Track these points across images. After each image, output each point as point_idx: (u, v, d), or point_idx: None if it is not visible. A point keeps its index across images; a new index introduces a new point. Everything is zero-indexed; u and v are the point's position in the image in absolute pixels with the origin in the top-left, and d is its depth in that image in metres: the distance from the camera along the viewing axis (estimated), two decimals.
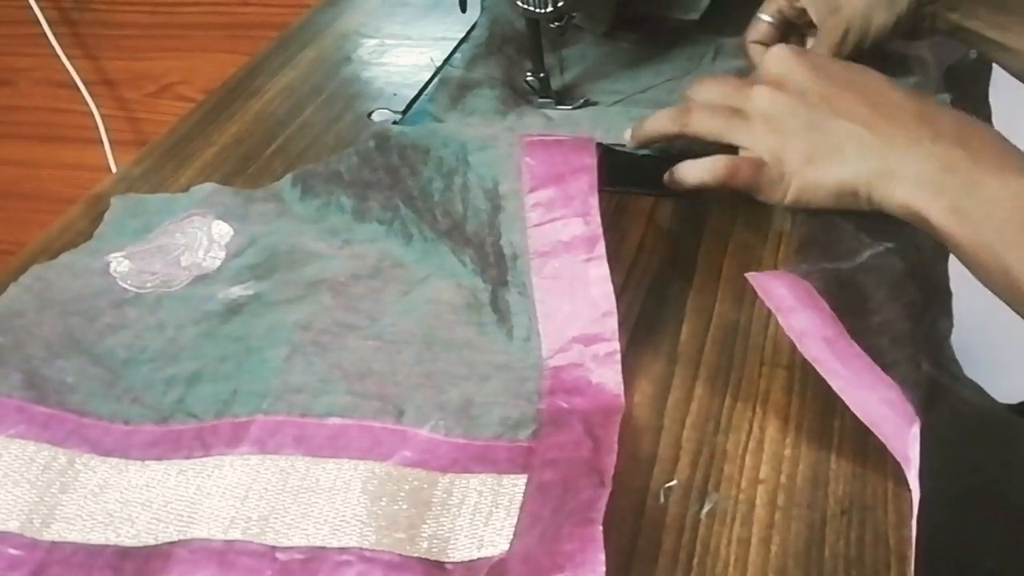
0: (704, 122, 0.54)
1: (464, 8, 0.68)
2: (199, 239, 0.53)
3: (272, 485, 0.39)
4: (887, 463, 0.38)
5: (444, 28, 0.79)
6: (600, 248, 0.46)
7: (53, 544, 0.38)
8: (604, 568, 0.33)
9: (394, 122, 0.66)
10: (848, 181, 0.50)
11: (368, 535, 0.37)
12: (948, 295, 0.54)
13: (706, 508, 0.38)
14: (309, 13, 0.86)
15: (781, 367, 0.44)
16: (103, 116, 1.30)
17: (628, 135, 0.58)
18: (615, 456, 0.39)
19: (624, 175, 0.55)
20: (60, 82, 1.28)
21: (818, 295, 0.44)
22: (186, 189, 0.59)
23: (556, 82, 0.66)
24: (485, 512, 0.38)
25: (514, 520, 0.38)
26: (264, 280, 0.50)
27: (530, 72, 0.65)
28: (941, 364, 0.44)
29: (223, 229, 0.54)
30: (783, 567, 0.36)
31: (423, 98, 0.68)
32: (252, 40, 1.15)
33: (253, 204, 0.56)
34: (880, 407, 0.38)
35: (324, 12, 0.85)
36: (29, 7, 1.21)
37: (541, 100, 0.65)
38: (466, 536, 0.37)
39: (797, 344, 0.41)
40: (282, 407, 0.42)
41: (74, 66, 1.26)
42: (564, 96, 0.66)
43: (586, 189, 0.47)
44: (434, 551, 0.37)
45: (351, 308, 0.48)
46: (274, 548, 0.37)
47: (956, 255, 0.46)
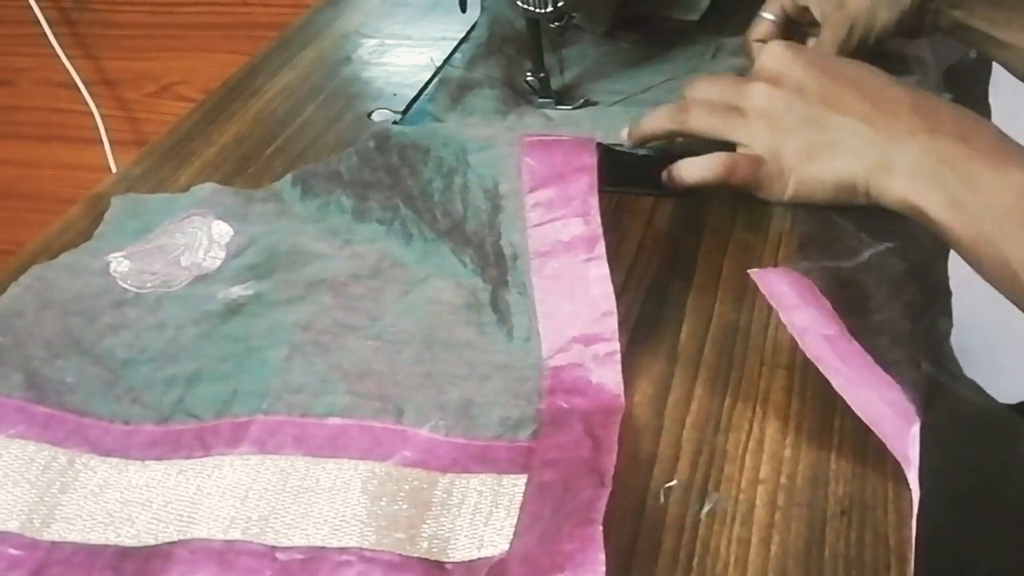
0: (702, 120, 0.54)
1: (464, 8, 0.68)
2: (199, 239, 0.53)
3: (272, 485, 0.39)
4: (887, 463, 0.38)
5: (444, 28, 0.79)
6: (600, 248, 0.46)
7: (53, 544, 0.38)
8: (604, 568, 0.33)
9: (394, 122, 0.66)
10: (846, 176, 0.49)
11: (368, 535, 0.37)
12: (948, 295, 0.54)
13: (706, 508, 0.38)
14: (309, 13, 0.86)
15: (781, 367, 0.44)
16: (103, 116, 1.30)
17: (625, 133, 0.58)
18: (615, 456, 0.39)
19: (624, 175, 0.55)
20: (60, 82, 1.28)
21: (820, 293, 0.44)
22: (186, 189, 0.59)
23: (556, 82, 0.66)
24: (485, 512, 0.38)
25: (514, 520, 0.38)
26: (264, 280, 0.50)
27: (530, 72, 0.65)
28: (941, 364, 0.44)
29: (223, 229, 0.54)
30: (783, 567, 0.36)
31: (423, 98, 0.68)
32: (252, 40, 1.15)
33: (253, 204, 0.56)
34: (880, 406, 0.38)
35: (324, 12, 0.85)
36: (29, 7, 1.21)
37: (541, 100, 0.65)
38: (466, 536, 0.37)
39: (799, 341, 0.41)
40: (282, 407, 0.42)
41: (74, 66, 1.26)
42: (564, 96, 0.66)
43: (586, 189, 0.47)
44: (434, 551, 0.37)
45: (351, 308, 0.48)
46: (274, 548, 0.37)
47: (954, 249, 0.46)
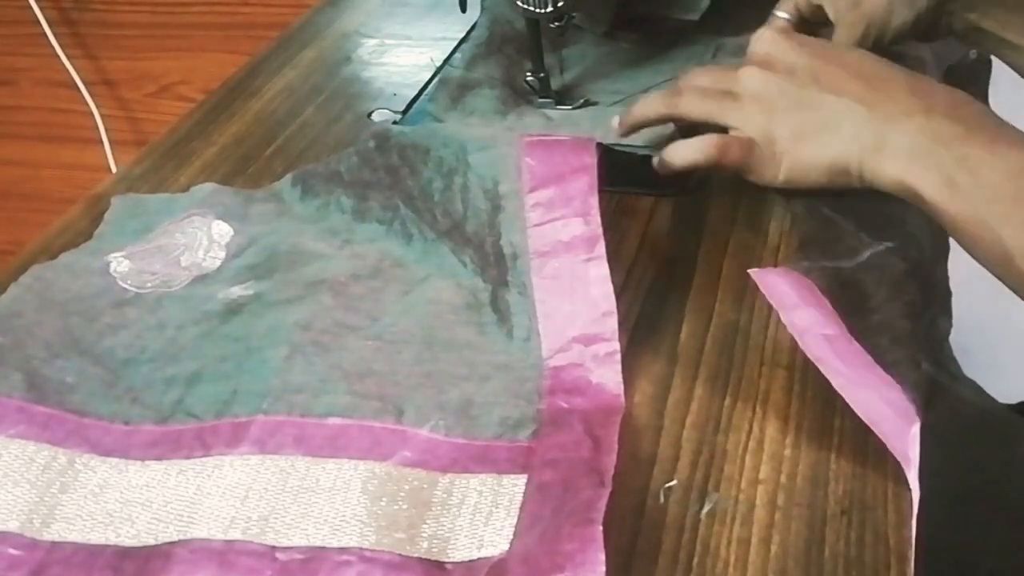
0: (694, 104, 0.53)
1: (464, 8, 0.68)
2: (199, 239, 0.53)
3: (272, 485, 0.39)
4: (887, 463, 0.38)
5: (444, 28, 0.79)
6: (600, 248, 0.46)
7: (53, 544, 0.38)
8: (604, 568, 0.33)
9: (394, 122, 0.66)
10: (840, 157, 0.49)
11: (368, 535, 0.37)
12: (948, 294, 0.54)
13: (706, 508, 0.38)
14: (309, 13, 0.86)
15: (781, 367, 0.44)
16: (103, 116, 1.30)
17: (616, 121, 0.58)
18: (615, 456, 0.39)
19: (624, 175, 0.55)
20: (60, 82, 1.28)
21: (820, 293, 0.44)
22: (186, 189, 0.59)
23: (556, 82, 0.66)
24: (485, 512, 0.38)
25: (514, 520, 0.38)
26: (264, 280, 0.50)
27: (530, 72, 0.65)
28: (940, 363, 0.43)
29: (223, 229, 0.54)
30: (783, 567, 0.36)
31: (423, 98, 0.68)
32: (252, 40, 1.15)
33: (253, 204, 0.56)
34: (880, 406, 0.38)
35: (324, 12, 0.85)
36: (29, 7, 1.21)
37: (541, 100, 0.65)
38: (466, 536, 0.37)
39: (799, 341, 0.41)
40: (282, 407, 0.42)
41: (74, 66, 1.26)
42: (564, 96, 0.66)
43: (586, 189, 0.47)
44: (434, 551, 0.37)
45: (351, 308, 0.48)
46: (274, 548, 0.37)
47: (948, 230, 0.45)
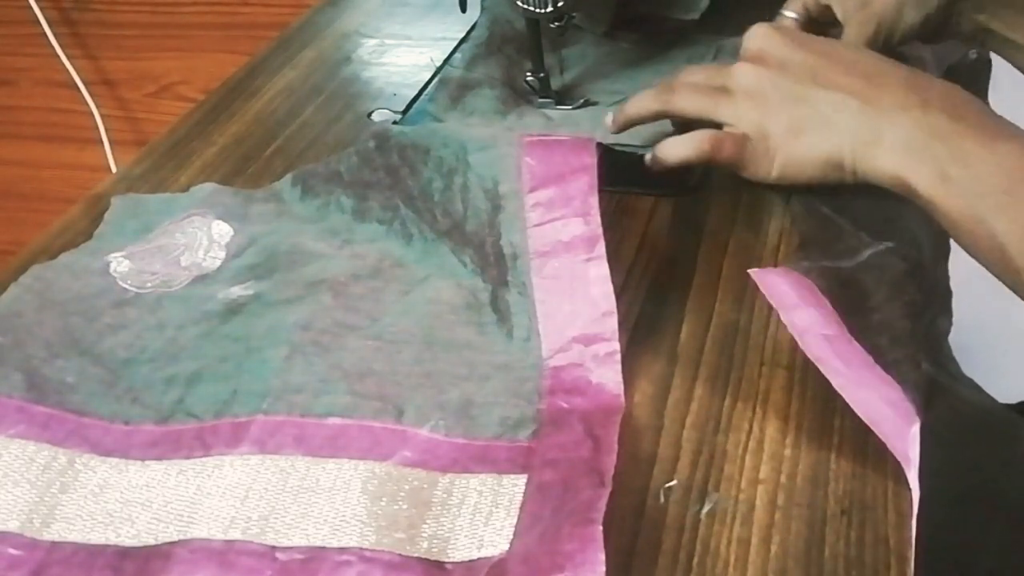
0: (688, 100, 0.53)
1: (464, 8, 0.68)
2: (199, 239, 0.53)
3: (272, 485, 0.39)
4: (887, 463, 0.38)
5: (444, 28, 0.79)
6: (600, 248, 0.46)
7: (53, 544, 0.38)
8: (604, 568, 0.33)
9: (394, 122, 0.66)
10: (834, 151, 0.49)
11: (368, 535, 0.37)
12: (948, 294, 0.54)
13: (706, 508, 0.38)
14: (309, 13, 0.86)
15: (781, 367, 0.44)
16: (103, 116, 1.30)
17: (609, 119, 0.57)
18: (615, 456, 0.39)
19: (624, 175, 0.55)
20: (60, 82, 1.28)
21: (820, 293, 0.44)
22: (186, 189, 0.59)
23: (556, 82, 0.66)
24: (485, 512, 0.38)
25: (514, 520, 0.38)
26: (264, 280, 0.50)
27: (530, 72, 0.65)
28: (940, 363, 0.44)
29: (223, 229, 0.54)
30: (783, 567, 0.36)
31: (423, 98, 0.68)
32: (252, 40, 1.15)
33: (253, 204, 0.56)
34: (881, 406, 0.38)
35: (324, 12, 0.85)
36: (29, 7, 1.21)
37: (541, 100, 0.65)
38: (466, 536, 0.37)
39: (799, 341, 0.41)
40: (282, 407, 0.42)
41: (74, 66, 1.26)
42: (564, 96, 0.66)
43: (586, 189, 0.47)
44: (434, 551, 0.37)
45: (351, 308, 0.48)
46: (274, 548, 0.37)
47: (943, 224, 0.45)
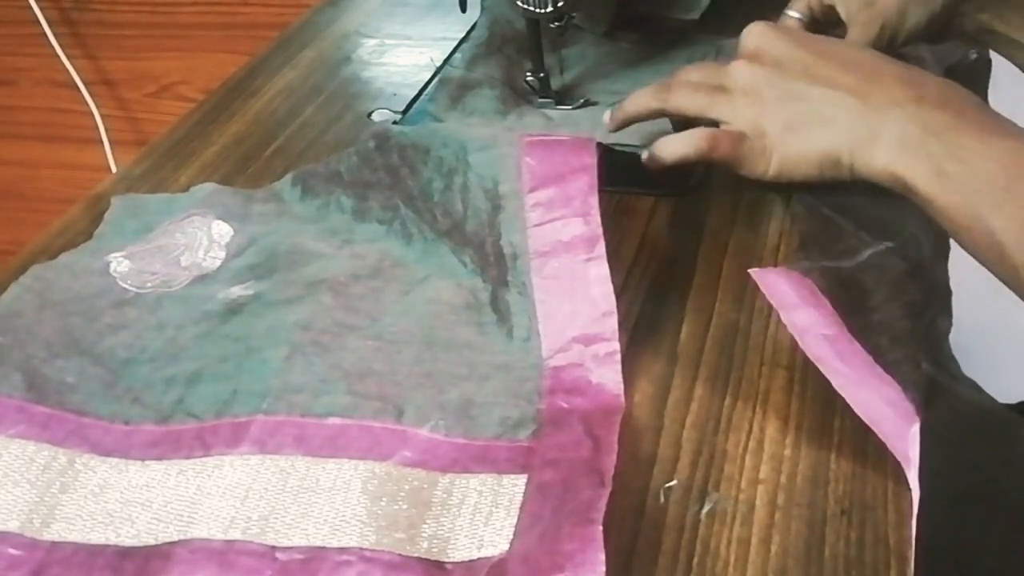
0: (684, 98, 0.53)
1: (464, 8, 0.68)
2: (199, 239, 0.53)
3: (272, 485, 0.39)
4: (887, 463, 0.38)
5: (444, 28, 0.79)
6: (600, 248, 0.46)
7: (53, 544, 0.38)
8: (604, 568, 0.33)
9: (394, 122, 0.66)
10: (830, 148, 0.49)
11: (368, 535, 0.37)
12: (948, 294, 0.54)
13: (706, 508, 0.38)
14: (309, 13, 0.86)
15: (781, 367, 0.44)
16: (103, 116, 1.30)
17: (607, 117, 0.57)
18: (615, 456, 0.39)
19: (624, 175, 0.55)
20: (60, 82, 1.28)
21: (820, 293, 0.44)
22: (186, 189, 0.59)
23: (556, 82, 0.66)
24: (485, 512, 0.38)
25: (514, 520, 0.38)
26: (264, 280, 0.50)
27: (530, 72, 0.65)
28: (940, 363, 0.44)
29: (223, 229, 0.54)
30: (783, 567, 0.36)
31: (423, 98, 0.68)
32: (252, 40, 1.15)
33: (253, 204, 0.56)
34: (881, 406, 0.38)
35: (324, 12, 0.85)
36: (29, 7, 1.21)
37: (541, 100, 0.65)
38: (466, 536, 0.37)
39: (799, 341, 0.41)
40: (282, 407, 0.42)
41: (74, 66, 1.26)
42: (564, 96, 0.66)
43: (586, 189, 0.47)
44: (434, 551, 0.37)
45: (351, 308, 0.48)
46: (274, 548, 0.37)
47: (939, 221, 0.45)
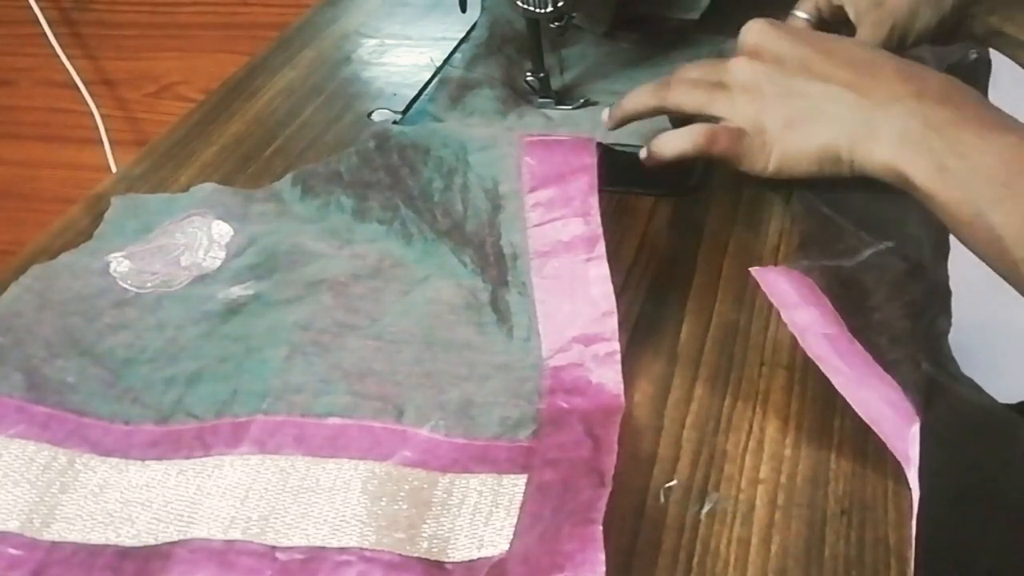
0: (684, 95, 0.53)
1: (464, 8, 0.68)
2: (199, 239, 0.53)
3: (272, 485, 0.39)
4: (887, 463, 0.38)
5: (444, 28, 0.79)
6: (600, 248, 0.46)
7: (53, 544, 0.38)
8: (604, 568, 0.33)
9: (394, 122, 0.66)
10: (830, 144, 0.49)
11: (368, 535, 0.37)
12: (948, 294, 0.54)
13: (706, 508, 0.38)
14: (309, 13, 0.86)
15: (781, 367, 0.44)
16: (103, 116, 1.30)
17: (606, 114, 0.57)
18: (615, 456, 0.39)
19: (624, 175, 0.55)
20: (60, 82, 1.28)
21: (820, 292, 0.44)
22: (186, 189, 0.59)
23: (556, 82, 0.66)
24: (485, 512, 0.38)
25: (514, 520, 0.38)
26: (264, 280, 0.50)
27: (530, 72, 0.65)
28: (940, 363, 0.43)
29: (223, 229, 0.54)
30: (783, 567, 0.36)
31: (423, 98, 0.68)
32: (252, 40, 1.15)
33: (253, 204, 0.56)
34: (881, 406, 0.38)
35: (324, 12, 0.85)
36: (29, 7, 1.21)
37: (541, 100, 0.65)
38: (466, 536, 0.37)
39: (799, 340, 0.41)
40: (282, 407, 0.42)
41: (74, 66, 1.26)
42: (564, 96, 0.66)
43: (586, 189, 0.47)
44: (434, 551, 0.37)
45: (351, 308, 0.48)
46: (274, 548, 0.37)
47: (939, 216, 0.45)
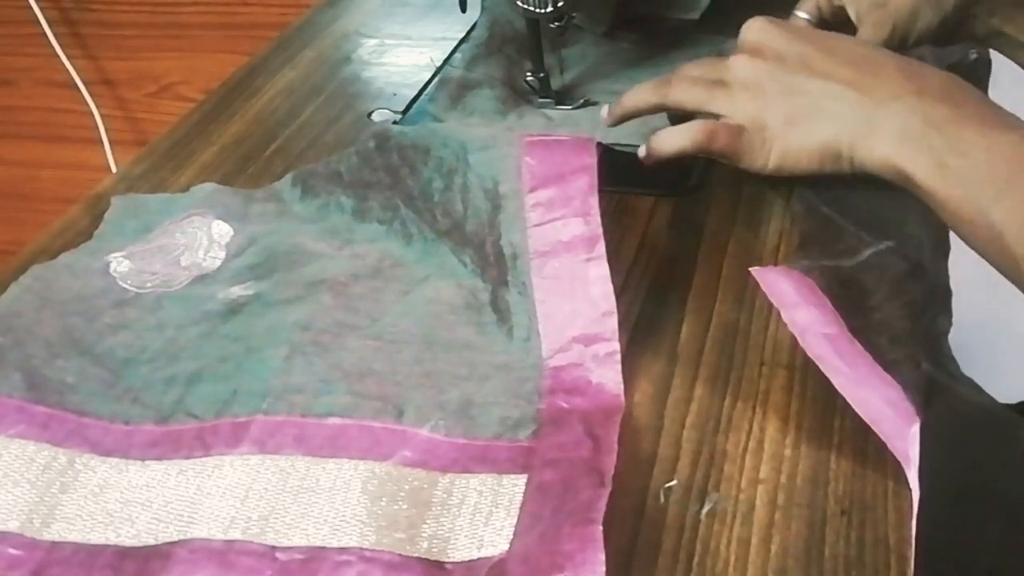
0: (684, 92, 0.53)
1: (464, 8, 0.68)
2: (199, 239, 0.53)
3: (272, 485, 0.39)
4: (887, 463, 0.38)
5: (444, 28, 0.79)
6: (600, 248, 0.46)
7: (53, 544, 0.38)
8: (604, 568, 0.33)
9: (394, 122, 0.66)
10: (831, 141, 0.49)
11: (368, 535, 0.37)
12: (948, 294, 0.54)
13: (706, 508, 0.38)
14: (309, 13, 0.86)
15: (781, 367, 0.44)
16: (103, 116, 1.30)
17: (605, 111, 0.57)
18: (615, 456, 0.39)
19: (624, 175, 0.55)
20: (60, 82, 1.28)
21: (820, 292, 0.44)
22: (186, 189, 0.59)
23: (556, 82, 0.66)
24: (485, 512, 0.38)
25: (514, 520, 0.38)
26: (264, 280, 0.50)
27: (530, 72, 0.65)
28: (940, 363, 0.43)
29: (223, 229, 0.54)
30: (783, 567, 0.36)
31: (423, 98, 0.68)
32: (252, 40, 1.15)
33: (253, 204, 0.56)
34: (881, 406, 0.38)
35: (324, 12, 0.85)
36: (29, 7, 1.21)
37: (541, 100, 0.65)
38: (466, 536, 0.37)
39: (799, 340, 0.41)
40: (282, 407, 0.42)
41: (74, 66, 1.26)
42: (564, 96, 0.66)
43: (586, 189, 0.47)
44: (434, 551, 0.37)
45: (351, 308, 0.48)
46: (274, 548, 0.37)
47: (940, 214, 0.45)
